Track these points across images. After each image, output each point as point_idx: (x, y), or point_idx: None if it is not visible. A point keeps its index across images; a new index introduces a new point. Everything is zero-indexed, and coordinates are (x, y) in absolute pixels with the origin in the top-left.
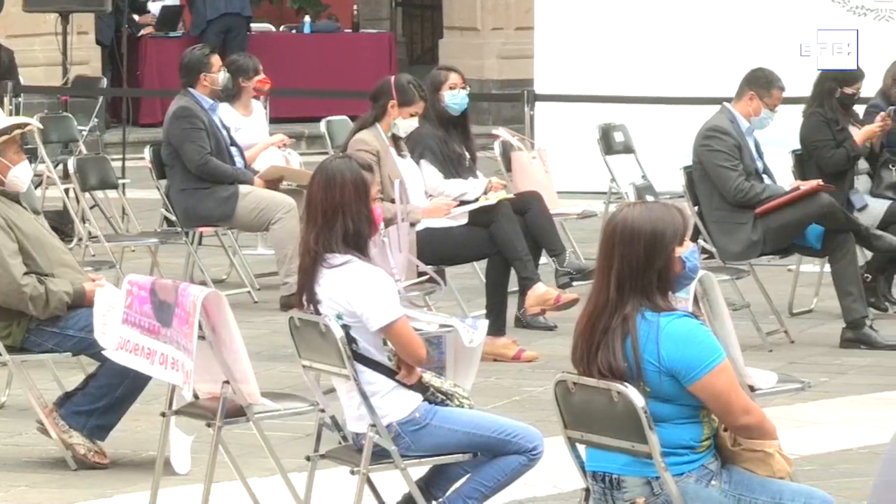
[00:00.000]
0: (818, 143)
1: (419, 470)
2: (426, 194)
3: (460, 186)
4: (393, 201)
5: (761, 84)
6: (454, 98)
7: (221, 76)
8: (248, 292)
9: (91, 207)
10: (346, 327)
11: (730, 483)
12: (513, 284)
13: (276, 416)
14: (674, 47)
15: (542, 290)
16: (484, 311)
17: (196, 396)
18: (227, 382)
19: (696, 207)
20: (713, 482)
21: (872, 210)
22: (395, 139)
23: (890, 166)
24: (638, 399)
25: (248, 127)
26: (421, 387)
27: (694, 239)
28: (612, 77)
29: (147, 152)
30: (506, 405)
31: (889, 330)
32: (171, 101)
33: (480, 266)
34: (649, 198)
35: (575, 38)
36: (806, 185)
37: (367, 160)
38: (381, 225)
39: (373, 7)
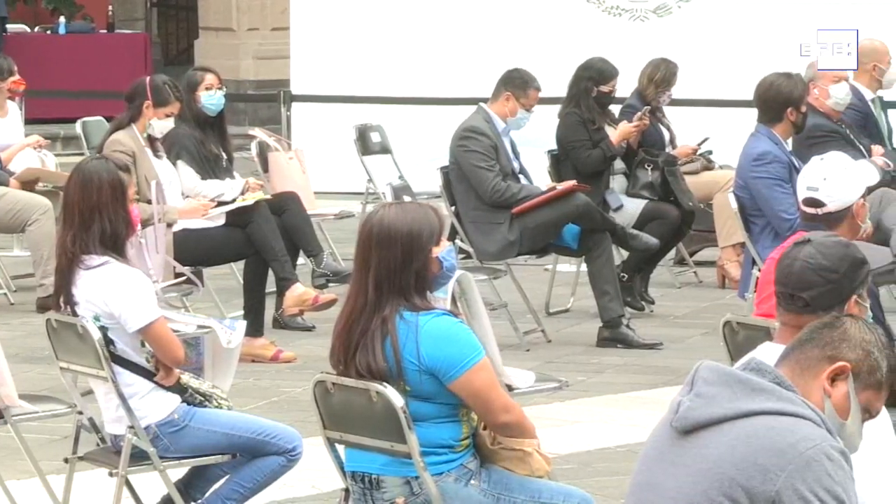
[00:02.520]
0: (574, 143)
1: (178, 471)
2: (183, 195)
3: (217, 187)
4: (149, 202)
5: (517, 84)
6: (210, 99)
7: None
8: (4, 294)
9: None
10: (103, 329)
11: (489, 482)
12: (270, 285)
13: (33, 419)
14: (429, 48)
15: (300, 291)
16: (242, 312)
17: None
18: None
19: (453, 207)
20: (472, 481)
21: (628, 210)
22: (151, 140)
23: (646, 166)
24: (397, 399)
25: (3, 128)
26: (179, 388)
27: (451, 239)
28: (368, 78)
29: None
30: (264, 406)
31: (645, 329)
32: None
33: (238, 267)
34: (406, 198)
35: (331, 38)
36: (562, 186)
37: (123, 161)
38: (138, 226)
39: (128, 7)
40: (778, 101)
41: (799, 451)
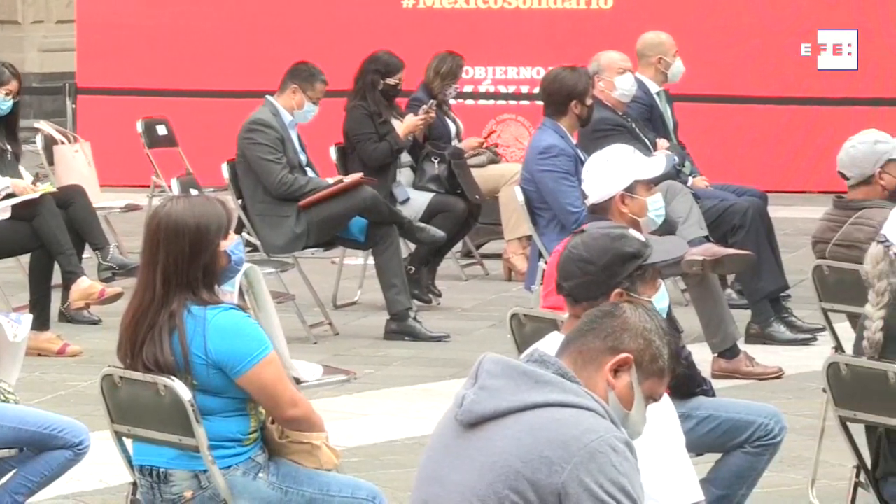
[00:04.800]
0: (361, 135)
1: None
2: None
3: (1, 181)
4: None
5: (304, 77)
6: (4, 103)
7: None
8: None
9: None
10: None
11: (277, 475)
12: (56, 278)
13: None
14: (216, 41)
15: (87, 285)
16: (27, 306)
17: None
18: None
19: (240, 200)
20: (261, 475)
21: (415, 202)
22: None
23: (432, 159)
24: (185, 392)
25: None
26: None
27: (238, 232)
28: (154, 70)
29: None
30: (51, 400)
31: (432, 322)
32: None
33: (24, 260)
34: (193, 191)
35: (117, 31)
36: (349, 179)
37: None
38: None
39: None
40: (562, 93)
41: (584, 443)
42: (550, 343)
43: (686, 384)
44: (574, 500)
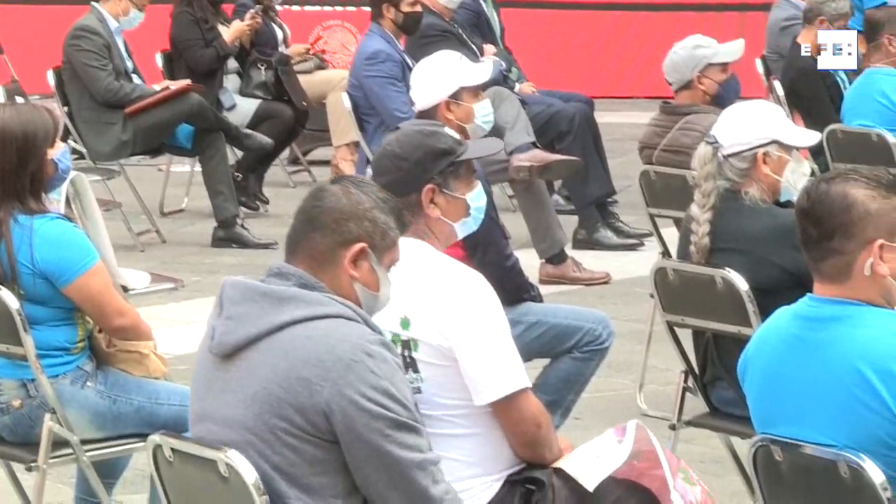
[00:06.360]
0: (188, 42)
1: None
2: None
3: None
4: None
5: None
6: None
7: None
8: None
9: None
10: None
11: (105, 384)
12: None
13: None
14: None
15: None
16: None
17: None
18: None
19: (66, 108)
20: (88, 383)
21: (242, 109)
22: None
23: (259, 66)
24: (12, 301)
25: None
26: None
27: (64, 139)
28: None
29: None
30: None
31: (260, 229)
32: None
33: None
34: (19, 99)
35: None
36: (176, 85)
37: None
38: None
39: None
40: None
41: (338, 356)
42: None
43: (514, 290)
44: (339, 416)
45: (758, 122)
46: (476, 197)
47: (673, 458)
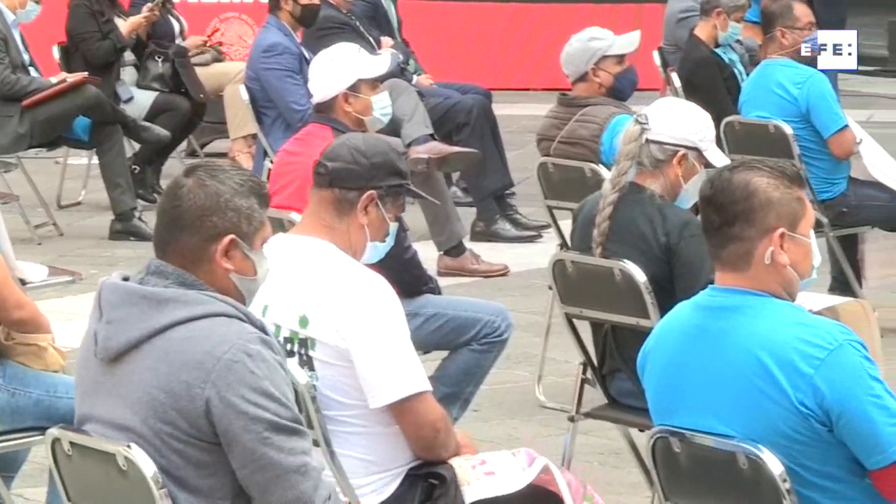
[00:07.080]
0: (84, 34)
1: None
2: None
3: None
4: None
5: None
6: None
7: None
8: None
9: None
10: None
11: (3, 377)
12: None
13: None
14: None
15: None
16: None
17: None
18: None
19: None
20: None
21: (139, 102)
22: None
23: (156, 58)
24: None
25: None
26: None
27: None
28: None
29: None
30: None
31: None
32: None
33: None
34: None
35: None
36: (73, 78)
37: None
38: None
39: None
40: None
41: (217, 357)
42: (278, 245)
43: (412, 282)
44: (219, 418)
45: (692, 125)
46: (393, 231)
47: (579, 488)
